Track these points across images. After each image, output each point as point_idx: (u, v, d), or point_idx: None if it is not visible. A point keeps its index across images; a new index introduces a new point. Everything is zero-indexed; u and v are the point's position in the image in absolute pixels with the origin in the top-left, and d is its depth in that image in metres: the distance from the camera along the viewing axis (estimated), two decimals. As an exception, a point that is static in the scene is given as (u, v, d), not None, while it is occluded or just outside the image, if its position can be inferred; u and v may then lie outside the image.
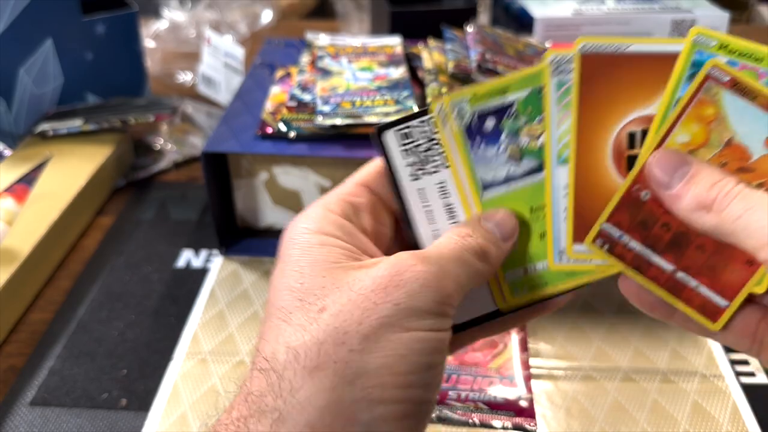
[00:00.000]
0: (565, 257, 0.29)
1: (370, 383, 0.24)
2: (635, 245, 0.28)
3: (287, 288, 0.27)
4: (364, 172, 0.31)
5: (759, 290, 0.27)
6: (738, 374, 0.50)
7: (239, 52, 0.87)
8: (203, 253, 0.64)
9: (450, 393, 0.48)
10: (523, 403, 0.47)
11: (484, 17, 1.03)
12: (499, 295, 0.30)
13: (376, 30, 0.96)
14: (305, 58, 0.72)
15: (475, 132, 0.29)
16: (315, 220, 0.29)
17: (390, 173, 0.30)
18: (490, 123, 0.29)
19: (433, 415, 0.47)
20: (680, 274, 0.28)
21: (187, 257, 0.63)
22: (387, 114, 0.58)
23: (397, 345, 0.24)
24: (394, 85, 0.63)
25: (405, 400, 0.24)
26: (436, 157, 0.30)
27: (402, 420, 0.24)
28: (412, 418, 0.25)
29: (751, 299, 0.27)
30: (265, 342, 0.26)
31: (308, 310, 0.25)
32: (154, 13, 1.12)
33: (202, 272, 0.61)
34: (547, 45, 0.76)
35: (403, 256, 0.26)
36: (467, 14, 0.84)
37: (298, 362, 0.24)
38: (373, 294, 0.25)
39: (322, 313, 0.25)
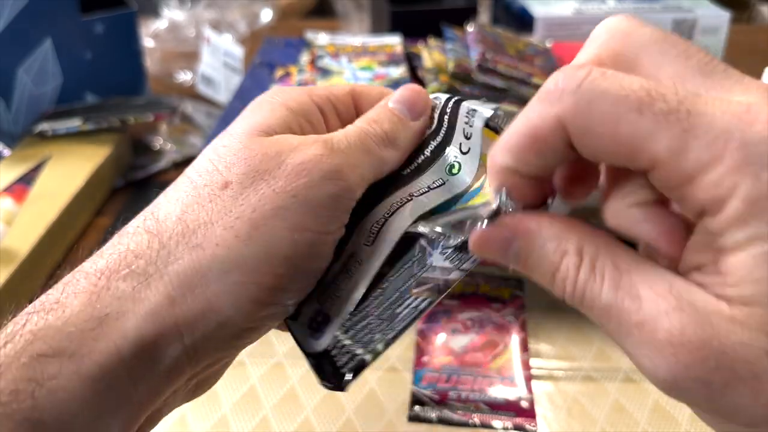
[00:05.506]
0: None
1: (242, 277, 0.23)
2: None
3: (211, 146, 0.26)
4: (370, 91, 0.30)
5: None
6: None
7: (239, 51, 0.87)
8: (203, 253, 0.63)
9: (450, 393, 0.48)
10: (524, 404, 0.47)
11: (484, 16, 1.03)
12: None
13: (376, 29, 0.96)
14: (305, 58, 0.71)
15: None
16: (289, 94, 0.28)
17: None
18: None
19: (433, 415, 0.46)
20: None
21: (186, 257, 0.62)
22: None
23: (281, 243, 0.24)
24: (395, 85, 0.62)
25: (268, 291, 0.24)
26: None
27: (252, 303, 0.24)
28: (265, 307, 0.24)
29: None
30: (165, 200, 0.25)
31: (214, 181, 0.25)
32: (154, 12, 1.12)
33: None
34: (548, 44, 0.76)
35: (316, 145, 0.25)
36: (467, 13, 0.84)
37: (184, 237, 0.24)
38: (276, 180, 0.24)
39: (224, 189, 0.24)
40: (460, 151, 0.28)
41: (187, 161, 0.78)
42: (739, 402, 0.18)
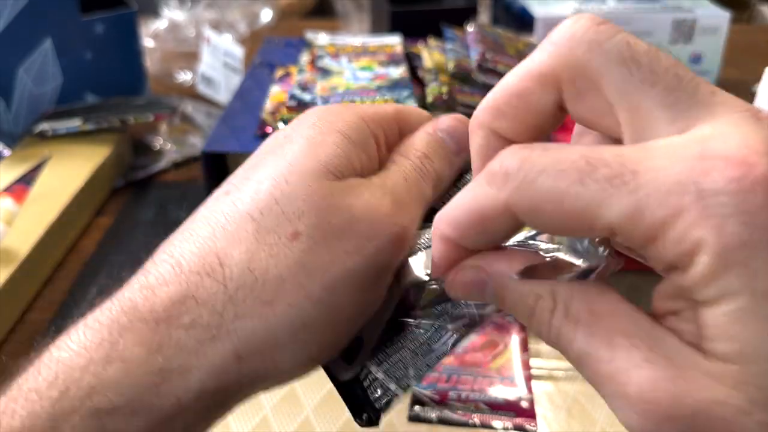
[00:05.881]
0: None
1: (308, 337, 0.23)
2: None
3: (273, 180, 0.24)
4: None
5: None
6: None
7: (239, 51, 0.87)
8: (203, 253, 0.63)
9: (450, 393, 0.48)
10: (524, 404, 0.47)
11: (484, 16, 1.03)
12: None
13: (376, 29, 0.96)
14: (305, 58, 0.71)
15: None
16: (346, 121, 0.26)
17: None
18: None
19: (433, 415, 0.46)
20: None
21: (186, 257, 0.62)
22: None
23: (349, 306, 0.24)
24: (394, 85, 0.62)
25: (328, 350, 0.24)
26: None
27: (310, 360, 0.24)
28: (320, 362, 0.25)
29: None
30: (224, 237, 0.23)
31: (281, 227, 0.23)
32: (154, 12, 1.12)
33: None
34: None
35: (384, 201, 0.24)
36: (467, 13, 0.84)
37: (252, 291, 0.22)
38: (348, 241, 0.23)
39: (294, 240, 0.23)
40: None
41: (187, 161, 0.79)
42: None
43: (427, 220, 0.26)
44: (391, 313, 0.26)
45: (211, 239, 0.23)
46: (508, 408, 0.47)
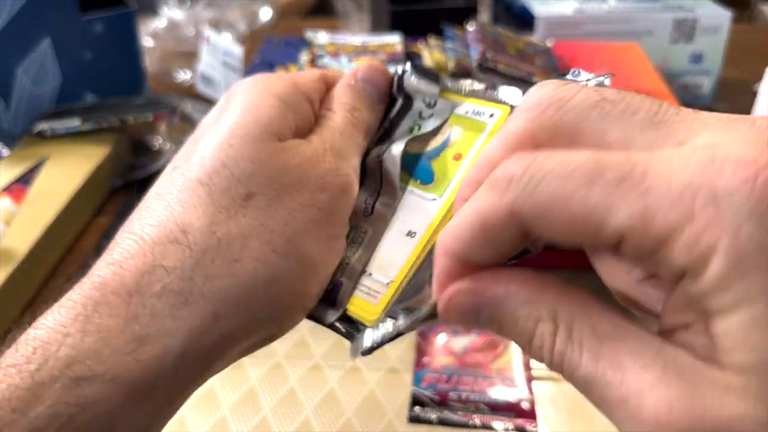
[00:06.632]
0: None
1: (281, 288, 0.24)
2: None
3: (217, 146, 0.25)
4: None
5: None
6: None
7: (238, 50, 0.87)
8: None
9: (451, 394, 0.47)
10: (525, 405, 0.47)
11: (484, 15, 1.03)
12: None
13: (376, 28, 0.96)
14: (305, 57, 0.71)
15: None
16: (279, 85, 0.28)
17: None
18: None
19: (434, 416, 0.46)
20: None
21: (185, 257, 0.62)
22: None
23: (313, 254, 0.25)
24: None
25: (303, 299, 0.25)
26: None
27: (289, 311, 0.25)
28: (300, 312, 0.26)
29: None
30: (180, 205, 0.24)
31: (234, 190, 0.24)
32: (153, 11, 1.12)
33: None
34: (549, 43, 0.75)
35: (327, 156, 0.26)
36: (468, 12, 0.84)
37: (218, 252, 0.23)
38: (301, 194, 0.25)
39: (248, 200, 0.24)
40: (420, 117, 0.30)
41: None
42: None
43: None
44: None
45: (167, 209, 0.24)
46: (509, 409, 0.47)
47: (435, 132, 0.29)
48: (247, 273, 0.23)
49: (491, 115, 0.28)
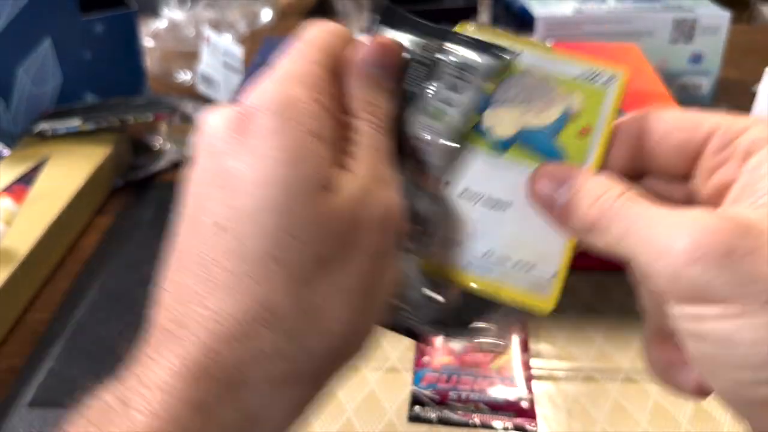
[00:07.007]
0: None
1: (365, 336, 0.25)
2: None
3: (275, 211, 0.23)
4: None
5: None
6: (740, 375, 0.50)
7: (238, 51, 0.87)
8: (202, 253, 0.63)
9: (450, 393, 0.48)
10: (524, 404, 0.47)
11: (484, 16, 1.03)
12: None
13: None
14: (305, 58, 0.71)
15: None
16: (302, 114, 0.24)
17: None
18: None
19: (433, 415, 0.46)
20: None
21: (186, 257, 0.62)
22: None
23: (384, 290, 0.26)
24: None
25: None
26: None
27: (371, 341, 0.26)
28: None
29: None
30: (259, 285, 0.22)
31: (309, 262, 0.23)
32: (153, 12, 1.12)
33: (202, 272, 0.61)
34: (548, 44, 0.75)
35: (386, 196, 0.25)
36: (467, 13, 0.84)
37: (307, 323, 0.23)
38: (363, 243, 0.24)
39: (322, 268, 0.23)
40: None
41: (187, 161, 0.78)
42: (760, 270, 0.19)
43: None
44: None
45: (246, 289, 0.22)
46: (509, 408, 0.47)
47: (533, 101, 0.28)
48: (336, 338, 0.24)
49: (609, 79, 0.28)
